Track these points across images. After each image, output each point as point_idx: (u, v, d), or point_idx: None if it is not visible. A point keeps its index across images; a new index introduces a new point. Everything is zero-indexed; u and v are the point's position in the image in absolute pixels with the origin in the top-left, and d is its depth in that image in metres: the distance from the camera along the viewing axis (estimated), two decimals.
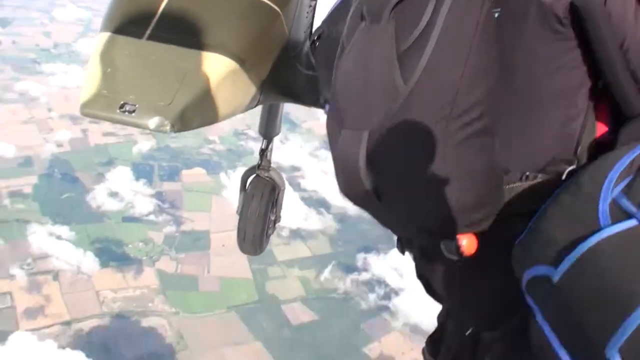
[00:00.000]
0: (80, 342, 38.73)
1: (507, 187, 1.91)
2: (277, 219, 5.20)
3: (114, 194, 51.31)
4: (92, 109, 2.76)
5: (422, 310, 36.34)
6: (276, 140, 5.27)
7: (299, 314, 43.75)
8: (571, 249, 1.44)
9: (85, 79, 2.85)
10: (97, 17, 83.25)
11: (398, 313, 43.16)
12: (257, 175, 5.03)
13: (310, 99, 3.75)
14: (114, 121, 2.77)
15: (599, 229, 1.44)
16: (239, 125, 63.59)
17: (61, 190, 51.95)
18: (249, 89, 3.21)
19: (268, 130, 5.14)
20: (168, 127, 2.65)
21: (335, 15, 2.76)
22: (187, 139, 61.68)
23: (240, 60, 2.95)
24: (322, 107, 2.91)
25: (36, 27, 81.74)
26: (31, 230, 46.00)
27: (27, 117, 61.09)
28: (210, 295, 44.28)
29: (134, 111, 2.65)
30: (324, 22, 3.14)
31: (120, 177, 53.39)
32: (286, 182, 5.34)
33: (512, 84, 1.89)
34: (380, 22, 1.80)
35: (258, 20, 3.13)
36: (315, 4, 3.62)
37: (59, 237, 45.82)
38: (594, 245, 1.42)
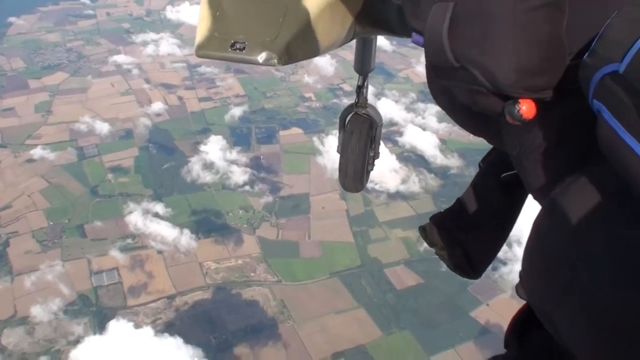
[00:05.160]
0: (184, 316, 39.29)
1: (570, 63, 2.00)
2: (376, 155, 5.39)
3: (209, 166, 51.25)
4: (206, 50, 2.90)
5: None
6: (371, 95, 4.70)
7: (403, 277, 42.33)
8: (633, 43, 1.61)
9: (198, 24, 2.99)
10: None
11: (507, 277, 40.93)
12: (355, 113, 5.24)
13: (402, 29, 3.74)
14: (226, 59, 2.92)
15: None
16: (333, 81, 62.24)
17: (162, 161, 52.49)
18: (346, 21, 3.40)
19: (363, 65, 5.22)
20: (275, 60, 2.81)
21: None
22: (283, 98, 61.10)
23: None
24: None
25: None
26: (133, 206, 46.75)
27: (125, 88, 62.12)
28: (312, 261, 43.57)
29: (243, 48, 2.82)
30: None
31: (216, 148, 53.17)
32: (382, 142, 5.58)
33: None
34: None
35: None
36: None
37: (156, 215, 46.36)
38: None
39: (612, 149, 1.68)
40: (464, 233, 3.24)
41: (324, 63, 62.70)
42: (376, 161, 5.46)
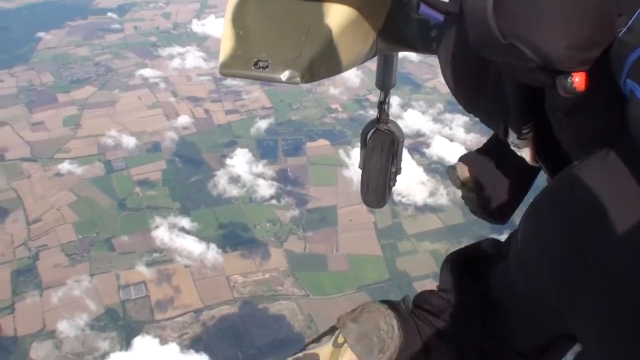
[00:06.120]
0: (211, 331, 39.16)
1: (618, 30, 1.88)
2: (398, 170, 5.40)
3: (236, 179, 51.20)
4: (230, 68, 2.95)
5: None
6: (398, 105, 4.38)
7: None
8: None
9: (221, 42, 3.03)
10: None
11: None
12: (377, 129, 5.24)
13: (423, 45, 3.82)
14: (250, 77, 3.00)
15: None
16: (359, 92, 61.93)
17: (189, 174, 52.58)
18: (367, 38, 3.42)
19: (385, 82, 5.24)
20: (298, 79, 2.87)
21: None
22: (309, 110, 60.97)
23: (358, 9, 3.14)
24: (435, 52, 2.79)
25: (155, 10, 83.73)
26: (160, 221, 46.84)
27: (152, 102, 62.52)
28: (340, 274, 43.24)
29: (267, 67, 2.87)
30: None
31: (242, 161, 53.16)
32: (409, 154, 4.54)
33: None
34: None
35: None
36: None
37: (182, 229, 46.43)
38: None
39: None
40: (493, 174, 3.21)
41: (350, 74, 62.33)
42: (400, 175, 5.49)
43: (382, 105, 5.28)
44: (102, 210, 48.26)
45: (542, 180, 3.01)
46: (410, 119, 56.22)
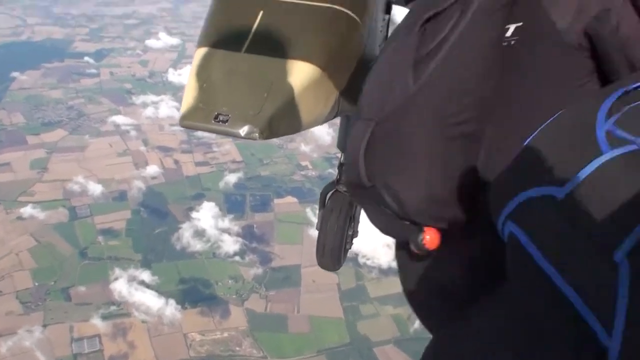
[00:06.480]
0: None
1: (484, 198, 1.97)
2: (355, 233, 5.28)
3: (200, 233, 50.77)
4: (190, 120, 2.96)
5: None
6: None
7: (393, 357, 41.32)
8: (577, 169, 1.52)
9: (184, 94, 3.06)
10: (189, 43, 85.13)
11: None
12: (336, 190, 5.11)
13: None
14: (209, 130, 2.98)
15: (602, 154, 1.56)
16: (330, 150, 62.16)
17: (154, 225, 51.98)
18: (329, 98, 3.42)
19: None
20: (257, 135, 2.85)
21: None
22: (279, 165, 61.02)
23: (322, 69, 3.14)
24: None
25: (132, 57, 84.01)
26: (119, 272, 46.02)
27: (122, 149, 62.17)
28: (300, 336, 42.69)
29: (227, 121, 2.88)
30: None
31: (209, 215, 52.77)
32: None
33: (513, 96, 2.06)
34: (410, 34, 2.01)
35: (339, 30, 3.36)
36: (389, 18, 4.01)
37: (142, 282, 45.65)
38: (600, 165, 1.53)
39: (523, 275, 1.58)
40: None
41: (321, 132, 62.57)
42: (357, 238, 5.33)
43: (342, 166, 5.13)
44: (62, 258, 47.40)
45: None
46: None
